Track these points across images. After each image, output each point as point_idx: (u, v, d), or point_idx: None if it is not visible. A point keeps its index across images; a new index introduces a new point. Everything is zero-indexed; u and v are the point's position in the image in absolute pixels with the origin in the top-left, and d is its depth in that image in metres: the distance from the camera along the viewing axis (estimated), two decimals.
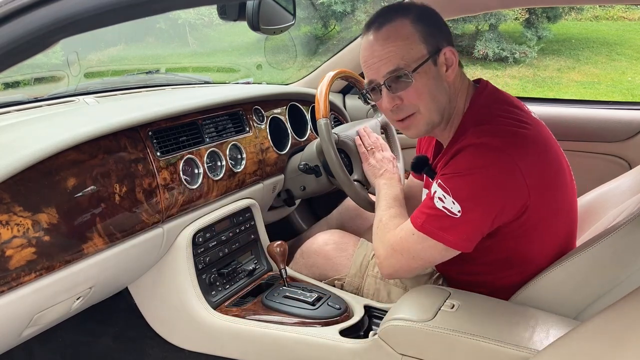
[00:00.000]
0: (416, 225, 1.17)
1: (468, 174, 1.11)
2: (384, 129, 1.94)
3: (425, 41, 1.16)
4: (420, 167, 1.34)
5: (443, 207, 1.12)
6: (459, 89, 1.23)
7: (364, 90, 1.27)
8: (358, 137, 1.63)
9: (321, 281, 1.55)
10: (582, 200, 1.50)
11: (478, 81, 1.28)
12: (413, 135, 1.26)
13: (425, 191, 1.38)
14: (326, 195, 1.93)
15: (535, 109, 2.25)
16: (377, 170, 1.51)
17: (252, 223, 1.66)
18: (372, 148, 1.57)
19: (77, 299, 1.25)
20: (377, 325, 1.28)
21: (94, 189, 1.19)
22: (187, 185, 1.43)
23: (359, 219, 1.88)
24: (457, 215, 1.11)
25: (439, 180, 1.14)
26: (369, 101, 1.29)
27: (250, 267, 1.59)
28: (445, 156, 1.23)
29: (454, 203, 1.10)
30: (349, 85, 2.34)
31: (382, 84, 1.18)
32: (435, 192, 1.14)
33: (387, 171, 1.48)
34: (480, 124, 1.16)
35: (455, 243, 1.14)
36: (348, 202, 1.92)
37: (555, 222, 1.21)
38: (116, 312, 1.60)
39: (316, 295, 1.41)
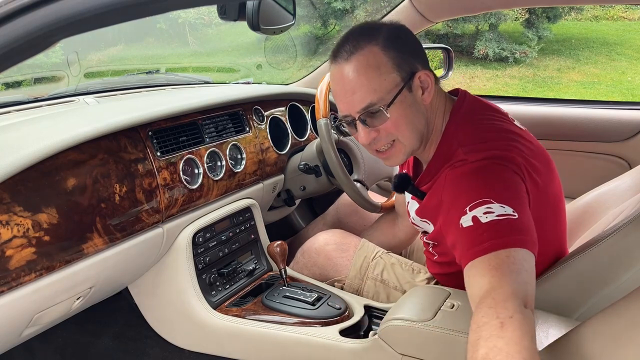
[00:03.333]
0: (485, 250, 0.94)
1: (481, 177, 1.04)
2: None
3: (398, 68, 1.09)
4: (404, 186, 1.27)
5: (497, 215, 0.96)
6: (436, 107, 1.18)
7: (338, 122, 1.19)
8: None
9: (322, 282, 1.55)
10: (582, 200, 1.50)
11: (456, 92, 1.23)
12: (393, 164, 1.20)
13: (410, 201, 1.32)
14: (326, 195, 1.93)
15: (535, 109, 2.26)
16: None
17: (252, 223, 1.66)
18: None
19: (77, 299, 1.25)
20: (377, 325, 1.28)
21: (94, 189, 1.19)
22: (187, 185, 1.43)
23: (355, 215, 1.88)
24: (515, 215, 0.96)
25: (467, 207, 0.99)
26: (344, 134, 1.22)
27: (250, 267, 1.59)
28: (429, 175, 1.19)
29: (502, 206, 0.97)
30: None
31: (356, 119, 1.12)
32: (472, 217, 0.98)
33: None
34: (459, 140, 1.12)
35: (535, 245, 0.97)
36: (344, 198, 1.92)
37: (546, 220, 1.18)
38: (116, 312, 1.60)
39: (316, 295, 1.41)
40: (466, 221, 0.99)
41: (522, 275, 0.90)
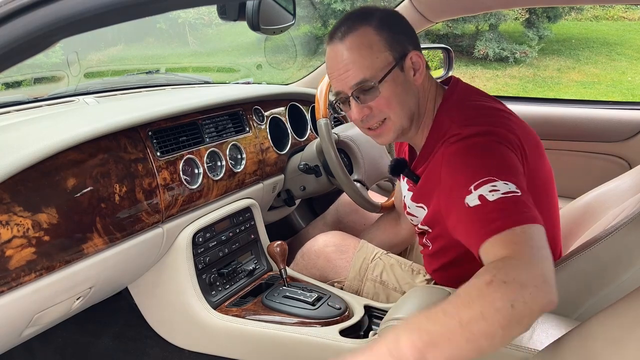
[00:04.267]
0: (499, 227, 0.91)
1: (477, 154, 1.04)
2: None
3: (390, 47, 1.14)
4: (400, 169, 1.29)
5: (503, 193, 0.95)
6: (427, 91, 1.21)
7: (332, 101, 1.23)
8: None
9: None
10: (582, 200, 1.50)
11: (448, 80, 1.26)
12: (384, 142, 1.24)
13: (406, 193, 1.33)
14: (326, 195, 1.93)
15: (535, 109, 2.26)
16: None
17: (252, 223, 1.66)
18: None
19: (77, 299, 1.25)
20: (377, 325, 1.28)
21: (94, 189, 1.19)
22: (187, 185, 1.43)
23: (354, 214, 1.88)
24: (518, 192, 0.96)
25: (472, 186, 0.98)
26: (338, 112, 1.25)
27: (250, 267, 1.59)
28: (423, 158, 1.21)
29: (506, 183, 0.96)
30: None
31: (349, 95, 1.15)
32: (479, 195, 0.96)
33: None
34: (452, 118, 1.14)
35: (541, 219, 0.94)
36: (344, 197, 1.92)
37: (539, 201, 1.16)
38: (116, 312, 1.60)
39: (316, 295, 1.41)
40: (472, 200, 0.97)
41: (542, 251, 0.89)
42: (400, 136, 1.22)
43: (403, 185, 1.36)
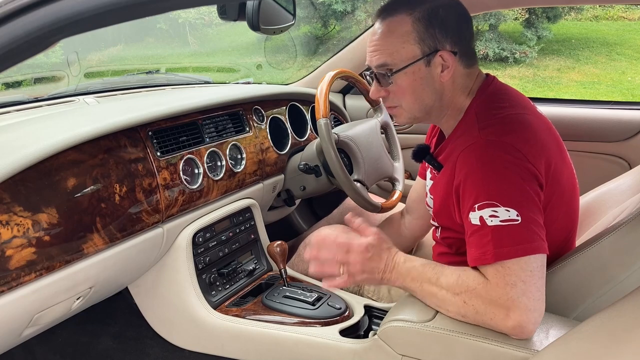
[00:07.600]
0: (489, 259, 1.03)
1: (492, 174, 1.07)
2: (384, 129, 1.94)
3: (421, 41, 1.16)
4: (422, 155, 1.32)
5: (501, 221, 1.03)
6: (460, 86, 1.21)
7: (366, 72, 1.29)
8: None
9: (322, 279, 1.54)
10: (582, 200, 1.50)
11: (485, 75, 1.27)
12: (398, 123, 1.37)
13: (428, 182, 1.36)
14: (326, 195, 1.93)
15: None
16: (372, 274, 1.17)
17: (252, 223, 1.66)
18: (342, 262, 1.19)
19: (77, 299, 1.25)
20: (377, 325, 1.28)
21: (94, 189, 1.19)
22: (187, 185, 1.43)
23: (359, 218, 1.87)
24: (518, 220, 1.02)
25: (476, 205, 1.06)
26: (369, 82, 1.30)
27: (250, 267, 1.59)
28: (448, 147, 1.22)
29: (507, 210, 1.03)
30: (349, 85, 2.34)
31: (372, 73, 1.23)
32: (480, 216, 1.05)
33: (378, 267, 1.17)
34: (479, 120, 1.16)
35: (539, 247, 1.03)
36: (349, 201, 1.92)
37: (558, 215, 1.19)
38: (116, 312, 1.60)
39: (316, 295, 1.41)
40: (474, 218, 1.06)
41: (515, 288, 1.01)
42: (416, 121, 1.27)
43: (427, 175, 1.39)
